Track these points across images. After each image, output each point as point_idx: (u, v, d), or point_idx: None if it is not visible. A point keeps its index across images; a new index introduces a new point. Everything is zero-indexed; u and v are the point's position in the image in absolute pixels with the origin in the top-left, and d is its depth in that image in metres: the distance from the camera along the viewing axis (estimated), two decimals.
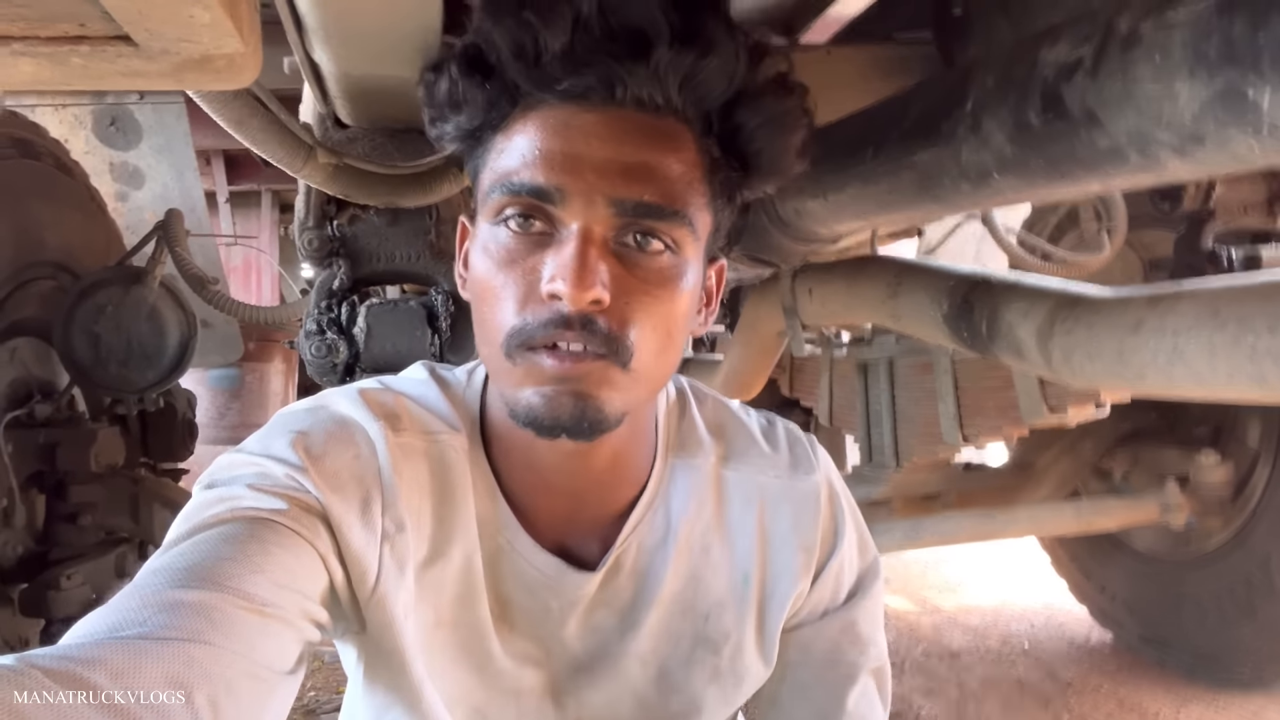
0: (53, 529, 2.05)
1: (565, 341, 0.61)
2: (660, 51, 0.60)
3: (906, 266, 1.95)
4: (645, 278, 0.63)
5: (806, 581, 0.80)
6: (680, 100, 0.63)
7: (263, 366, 3.57)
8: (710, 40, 0.62)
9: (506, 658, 0.76)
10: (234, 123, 0.98)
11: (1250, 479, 2.46)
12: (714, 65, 0.63)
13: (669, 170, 0.63)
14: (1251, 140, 0.69)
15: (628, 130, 0.62)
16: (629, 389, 0.64)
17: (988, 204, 1.13)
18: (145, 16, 0.57)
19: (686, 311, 0.68)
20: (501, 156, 0.64)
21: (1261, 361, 1.14)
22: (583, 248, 0.60)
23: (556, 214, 0.62)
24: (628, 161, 0.62)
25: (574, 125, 0.62)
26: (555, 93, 0.62)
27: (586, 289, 0.59)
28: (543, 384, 0.62)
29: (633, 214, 0.62)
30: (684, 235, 0.64)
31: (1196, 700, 2.55)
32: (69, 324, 2.02)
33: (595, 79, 0.61)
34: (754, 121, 0.67)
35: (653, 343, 0.64)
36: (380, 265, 1.41)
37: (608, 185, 0.61)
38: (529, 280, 0.63)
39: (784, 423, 0.86)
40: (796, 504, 0.80)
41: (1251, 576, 2.39)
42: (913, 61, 1.76)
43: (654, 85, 0.62)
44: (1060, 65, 0.83)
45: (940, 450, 2.36)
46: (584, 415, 0.63)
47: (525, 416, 0.64)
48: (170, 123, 2.89)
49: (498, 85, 0.64)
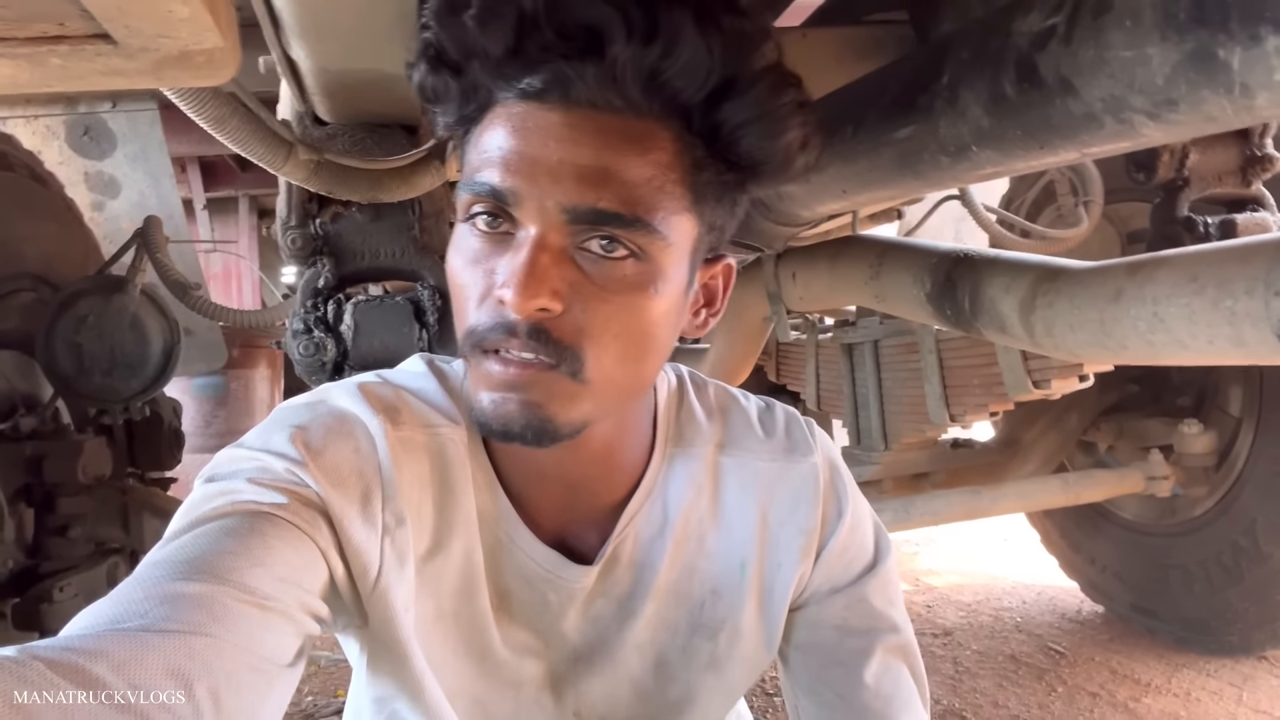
0: (42, 542, 2.03)
1: (512, 349, 0.60)
2: (615, 49, 0.57)
3: (888, 246, 1.97)
4: (605, 285, 0.61)
5: (808, 564, 0.80)
6: (644, 100, 0.59)
7: (248, 373, 3.55)
8: (675, 34, 0.57)
9: (506, 649, 0.76)
10: (213, 122, 0.97)
11: (1233, 446, 2.48)
12: (681, 63, 0.58)
13: (630, 174, 0.59)
14: (1224, 100, 0.70)
15: (587, 132, 0.59)
16: (586, 400, 0.63)
17: (968, 178, 1.13)
18: (124, 13, 0.57)
19: (662, 318, 0.65)
20: (473, 152, 0.63)
21: (1240, 324, 1.16)
22: (534, 255, 0.59)
23: (515, 215, 0.60)
24: (584, 165, 0.58)
25: (532, 125, 0.59)
26: (516, 91, 0.60)
27: (531, 298, 0.58)
28: (492, 389, 0.62)
29: (588, 220, 0.59)
30: (650, 242, 0.61)
31: (1188, 667, 2.59)
32: (50, 335, 2.00)
33: (547, 80, 0.58)
34: (737, 119, 0.62)
35: (613, 352, 0.62)
36: (364, 262, 1.40)
37: (560, 191, 0.58)
38: (487, 281, 0.62)
39: (782, 406, 0.86)
40: (794, 487, 0.80)
41: (1238, 542, 2.42)
42: (888, 42, 1.77)
43: (609, 86, 0.58)
44: (1033, 34, 0.84)
45: (928, 430, 2.38)
46: (530, 424, 0.62)
47: (478, 419, 0.63)
48: (144, 130, 2.86)
49: (468, 81, 0.62)
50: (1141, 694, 2.44)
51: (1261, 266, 1.13)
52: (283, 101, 1.38)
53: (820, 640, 0.81)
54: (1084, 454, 2.96)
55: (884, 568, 0.83)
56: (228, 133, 0.99)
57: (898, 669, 0.80)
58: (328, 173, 1.18)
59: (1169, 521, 2.68)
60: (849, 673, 0.79)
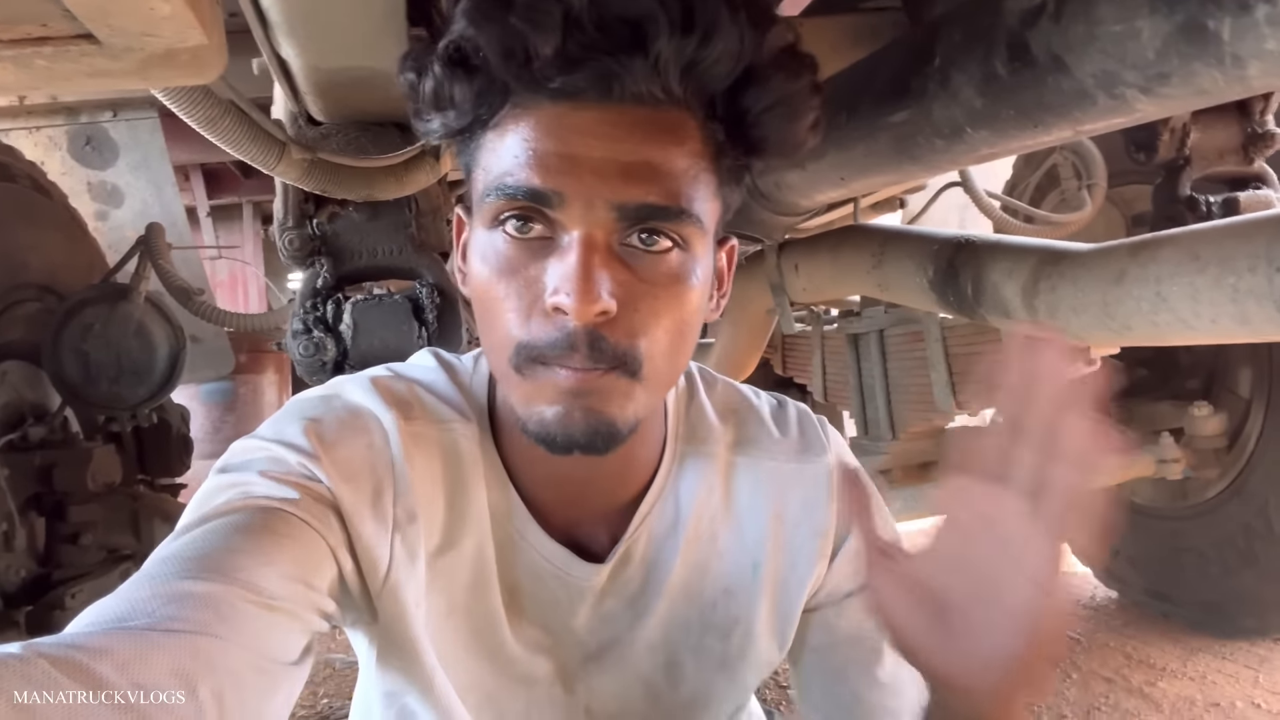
0: (54, 550, 2.04)
1: (575, 363, 0.59)
2: (660, 42, 0.56)
3: (890, 234, 1.96)
4: (653, 279, 0.61)
5: (824, 565, 0.79)
6: (682, 90, 0.59)
7: (256, 378, 3.56)
8: (712, 24, 0.57)
9: (517, 645, 0.76)
10: (205, 123, 0.97)
11: (1244, 428, 2.47)
12: (717, 51, 0.58)
13: (672, 166, 0.60)
14: (1215, 72, 0.69)
15: (626, 127, 0.58)
16: (641, 397, 0.63)
17: (964, 160, 1.13)
18: (106, 12, 0.57)
19: (698, 307, 0.65)
20: (494, 156, 0.61)
21: (1244, 301, 1.15)
22: (585, 257, 0.58)
23: (556, 218, 0.59)
24: (627, 161, 0.58)
25: (569, 125, 0.58)
26: (547, 92, 0.58)
27: (592, 302, 0.57)
28: (555, 401, 0.60)
29: (636, 217, 0.59)
30: (691, 232, 0.61)
31: (1203, 650, 2.57)
32: (57, 344, 2.02)
33: (590, 78, 0.57)
34: (762, 104, 0.62)
35: (664, 346, 0.62)
36: (362, 261, 1.40)
37: (608, 188, 0.58)
38: (532, 291, 0.60)
39: (795, 404, 0.85)
40: (808, 488, 0.79)
41: (1251, 524, 2.40)
42: (883, 28, 1.76)
43: (652, 79, 0.58)
44: (1024, 12, 0.83)
45: (935, 418, 2.37)
46: (597, 432, 0.61)
47: (538, 434, 0.62)
48: (145, 139, 2.87)
49: (485, 83, 0.60)
50: (1157, 678, 2.43)
51: (1263, 243, 1.12)
52: (276, 102, 1.38)
53: (837, 642, 0.81)
54: None
55: None
56: (220, 133, 0.99)
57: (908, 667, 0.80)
58: (322, 172, 1.18)
59: (1181, 505, 2.66)
60: (864, 672, 0.79)
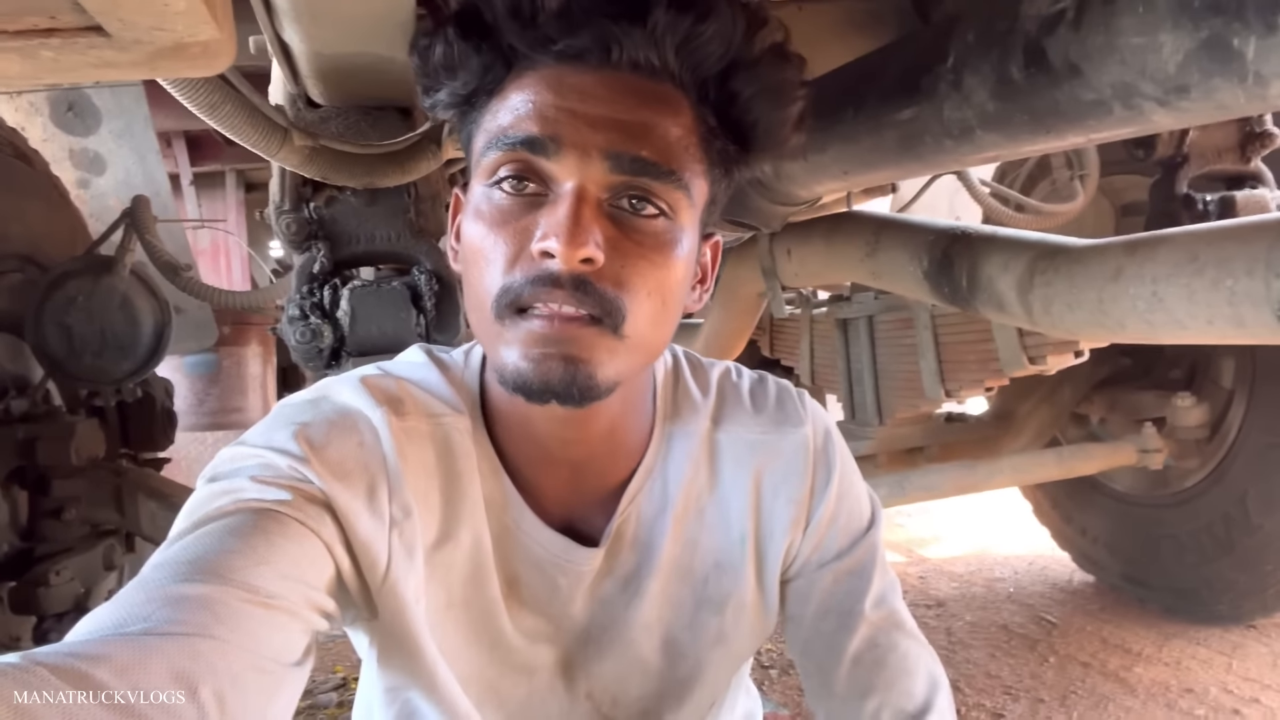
0: (37, 525, 2.02)
1: (556, 301, 0.60)
2: (657, 13, 0.60)
3: (885, 223, 1.96)
4: (640, 241, 0.63)
5: (797, 533, 0.80)
6: (676, 64, 0.63)
7: (239, 350, 3.52)
8: (708, 5, 0.61)
9: (517, 635, 0.76)
10: (206, 108, 0.95)
11: (1225, 418, 2.50)
12: (711, 30, 0.62)
13: (665, 131, 0.62)
14: (1237, 89, 0.69)
15: (623, 90, 0.62)
16: (623, 356, 0.63)
17: (971, 160, 1.13)
18: (118, 6, 0.56)
19: (682, 280, 0.67)
20: (496, 116, 0.64)
21: (1240, 304, 1.16)
22: (576, 205, 0.60)
23: (550, 169, 0.61)
24: (624, 119, 0.61)
25: (569, 83, 0.61)
26: (550, 53, 0.62)
27: (579, 246, 0.59)
28: (531, 346, 0.61)
29: (629, 170, 0.61)
30: (679, 199, 0.64)
31: (1178, 636, 2.62)
32: (40, 317, 1.98)
33: (591, 39, 0.61)
34: (749, 90, 0.66)
35: (648, 308, 0.63)
36: (360, 247, 1.38)
37: (603, 139, 0.60)
38: (520, 240, 0.62)
39: (775, 380, 0.86)
40: (785, 457, 0.80)
41: (1229, 513, 2.44)
42: (885, 15, 1.75)
43: (650, 47, 0.61)
44: (1042, 19, 0.83)
45: (922, 405, 2.39)
46: (574, 380, 0.62)
47: (514, 380, 0.63)
48: (129, 106, 2.81)
49: (493, 47, 0.63)
50: (1133, 663, 2.47)
51: (1262, 247, 1.13)
52: (274, 83, 1.35)
53: (806, 614, 0.82)
54: (1076, 427, 2.98)
55: (870, 539, 0.83)
56: (221, 118, 0.98)
57: (882, 643, 0.80)
58: (323, 158, 1.16)
59: (1161, 493, 2.70)
60: (830, 648, 0.80)
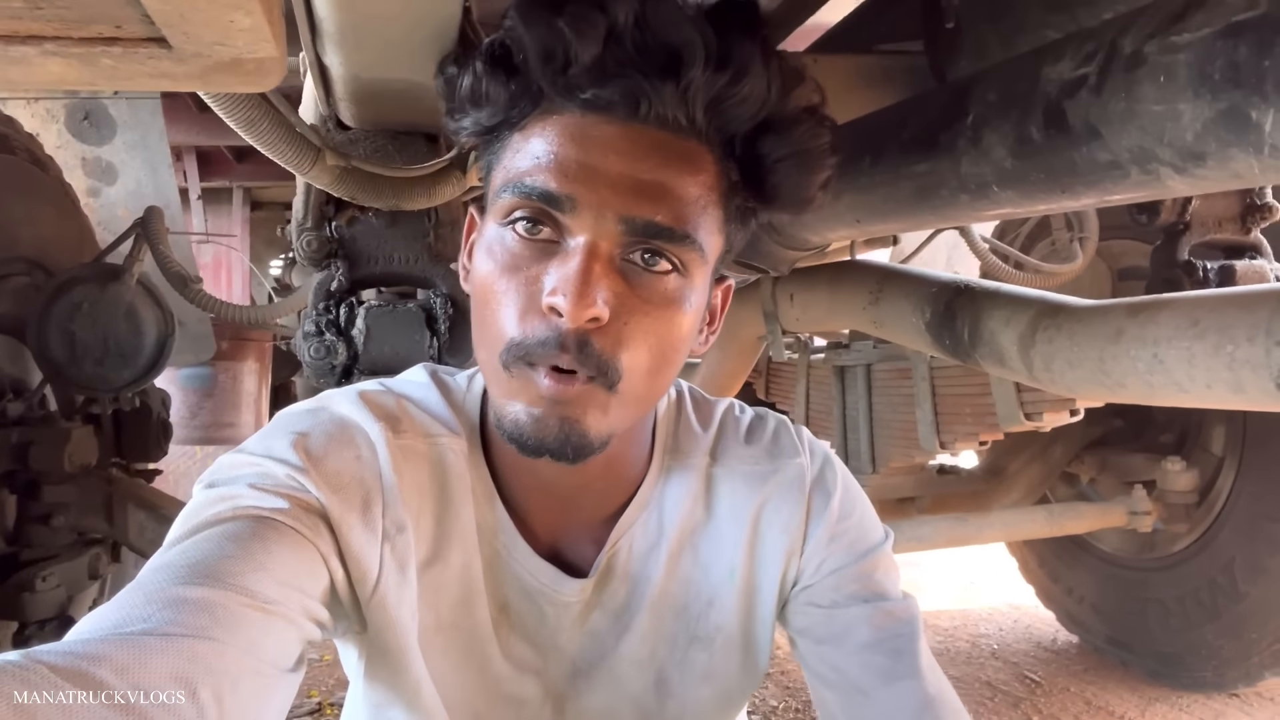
0: (25, 530, 2.01)
1: (561, 364, 0.61)
2: (692, 72, 0.60)
3: (888, 273, 1.99)
4: (648, 298, 0.63)
5: (792, 561, 0.79)
6: (705, 122, 0.62)
7: (236, 365, 3.51)
8: (744, 65, 0.61)
9: (505, 663, 0.76)
10: (244, 124, 0.97)
11: (1215, 484, 2.52)
12: (744, 91, 0.62)
13: (684, 192, 0.62)
14: (1252, 160, 0.71)
15: (647, 147, 0.61)
16: (615, 411, 0.64)
17: (985, 216, 1.15)
18: (186, 20, 0.57)
19: (687, 334, 0.67)
20: (516, 156, 0.64)
21: (1240, 370, 1.18)
22: (587, 263, 0.60)
23: (565, 222, 0.61)
24: (643, 179, 0.61)
25: (593, 135, 0.61)
26: (578, 101, 0.61)
27: (586, 306, 0.59)
28: (533, 403, 0.62)
29: (642, 233, 0.61)
30: (692, 258, 0.64)
31: (1161, 701, 2.61)
32: (44, 321, 1.98)
33: (620, 92, 0.60)
34: (778, 153, 0.66)
35: (645, 364, 0.63)
36: (378, 267, 1.40)
37: (620, 202, 0.60)
38: (530, 290, 0.62)
39: (775, 416, 0.87)
40: (781, 489, 0.80)
41: (1215, 579, 2.45)
42: (897, 72, 1.78)
43: (680, 105, 0.61)
44: (1064, 82, 0.85)
45: (917, 455, 2.40)
46: (568, 440, 0.62)
47: (511, 433, 0.63)
48: (145, 118, 2.83)
49: (521, 85, 0.63)
50: None
51: (1264, 315, 1.15)
52: (305, 103, 1.38)
53: (814, 621, 0.80)
54: (1066, 486, 2.99)
55: (880, 553, 0.81)
56: (257, 135, 0.99)
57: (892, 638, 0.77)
58: (353, 179, 1.18)
59: (1148, 556, 2.71)
60: (839, 646, 0.78)
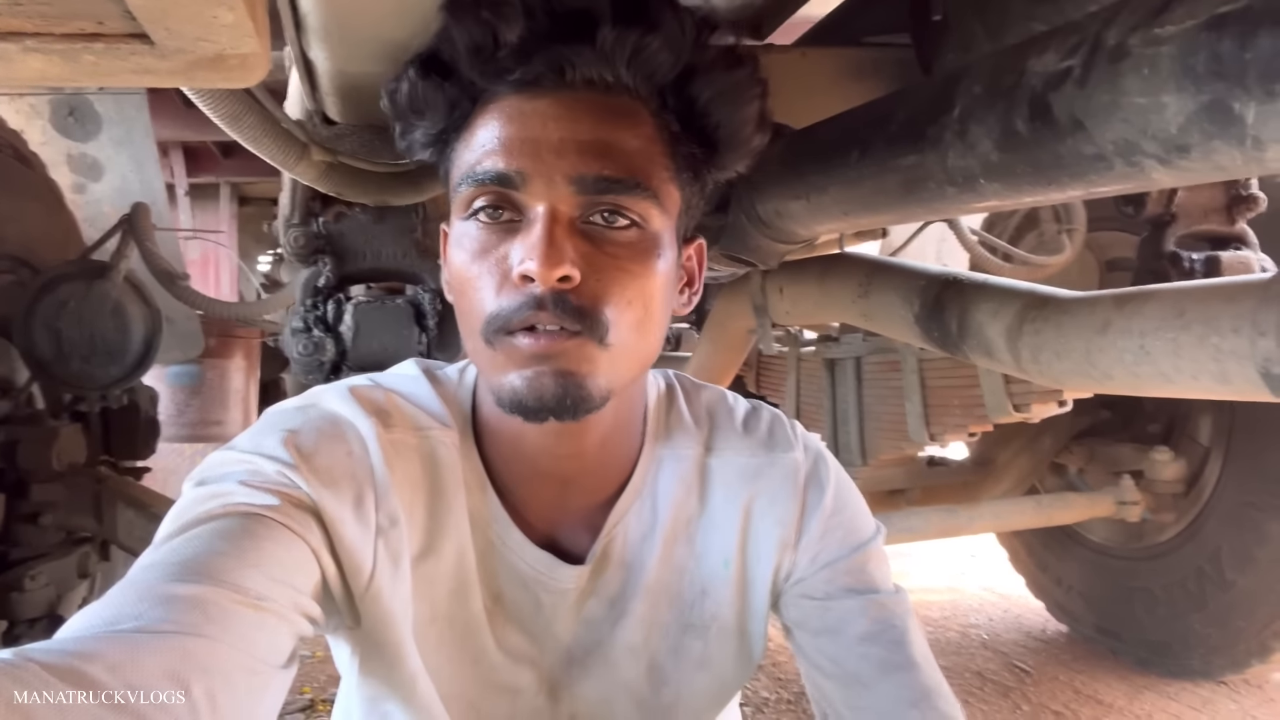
0: (13, 529, 2.00)
1: (540, 323, 0.62)
2: (605, 31, 0.63)
3: (878, 266, 1.99)
4: (615, 253, 0.65)
5: (786, 554, 0.80)
6: (630, 77, 0.65)
7: (223, 363, 3.50)
8: (653, 17, 0.64)
9: (500, 653, 0.77)
10: (228, 119, 0.97)
11: (1202, 474, 2.53)
12: (659, 41, 0.65)
13: (627, 145, 0.65)
14: (1235, 151, 0.71)
15: (581, 110, 0.64)
16: (610, 365, 0.65)
17: (972, 208, 1.15)
18: (168, 16, 0.57)
19: (663, 287, 0.69)
20: (465, 152, 0.66)
21: (1225, 361, 1.18)
22: (549, 227, 0.62)
23: (520, 199, 0.64)
24: (583, 139, 0.63)
25: (529, 111, 0.64)
26: (508, 84, 0.64)
27: (555, 265, 0.61)
28: (523, 366, 0.63)
29: (594, 190, 0.63)
30: (649, 209, 0.66)
31: (1150, 689, 2.63)
32: (30, 319, 1.97)
33: (545, 65, 0.63)
34: (706, 94, 0.68)
35: (629, 317, 0.65)
36: (366, 263, 1.39)
37: (566, 164, 0.63)
38: (502, 268, 0.64)
39: (769, 408, 0.88)
40: (776, 482, 0.81)
41: (1203, 568, 2.47)
42: (885, 65, 1.79)
43: (602, 64, 0.64)
44: (1049, 75, 0.85)
45: (906, 447, 2.41)
46: (567, 393, 0.64)
47: (510, 401, 0.65)
48: (130, 114, 2.82)
49: (455, 85, 0.66)
50: (1104, 714, 2.48)
51: (1249, 306, 1.15)
52: (290, 99, 1.37)
53: (807, 614, 0.81)
54: (1055, 476, 3.00)
55: (871, 547, 0.82)
56: (242, 130, 0.99)
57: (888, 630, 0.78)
58: (338, 174, 1.18)
59: (1135, 545, 2.72)
60: (836, 638, 0.78)
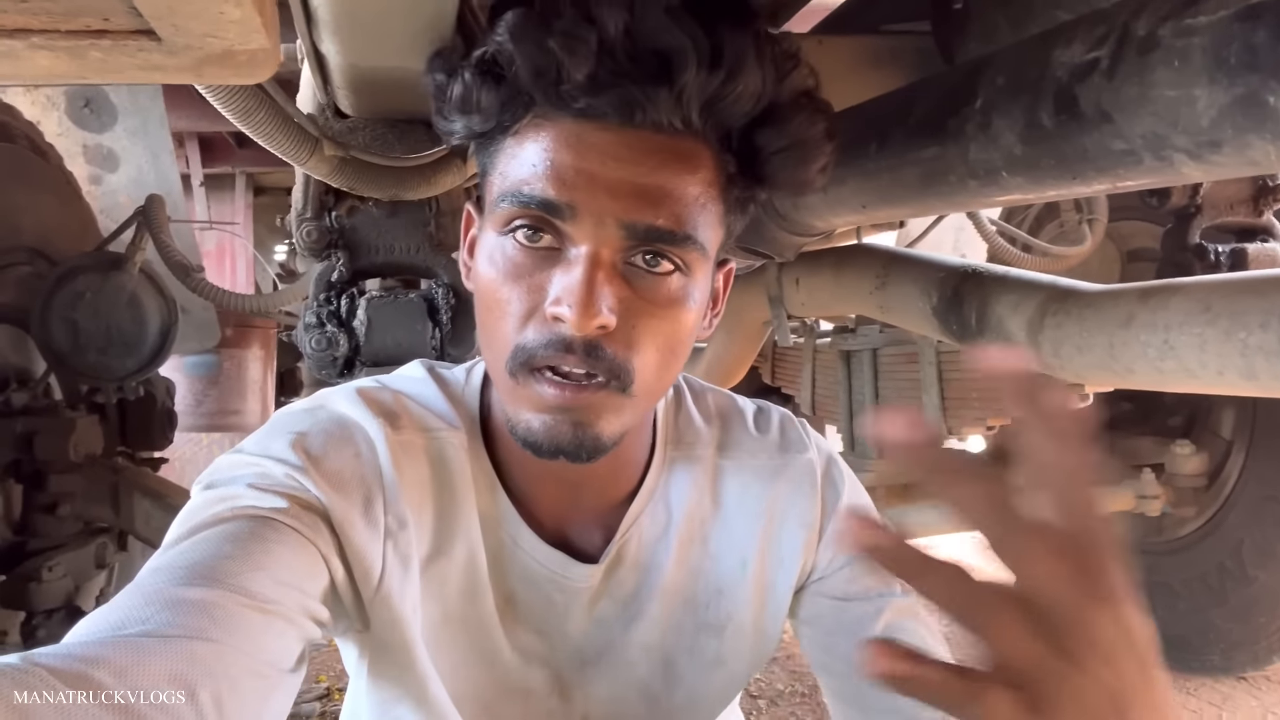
0: (31, 519, 2.01)
1: (567, 365, 0.61)
2: (685, 76, 0.59)
3: (895, 257, 1.97)
4: (653, 299, 0.63)
5: (810, 555, 0.81)
6: (700, 122, 0.62)
7: (241, 353, 3.51)
8: (738, 62, 0.60)
9: (513, 653, 0.76)
10: (240, 114, 0.96)
11: (1224, 468, 2.51)
12: (739, 89, 0.61)
13: (683, 193, 0.62)
14: (1269, 146, 0.69)
15: (644, 151, 0.61)
16: (628, 411, 0.65)
17: (995, 202, 1.14)
18: (174, 12, 0.56)
19: (692, 328, 0.67)
20: (512, 163, 0.63)
21: (1253, 356, 1.16)
22: (590, 272, 0.60)
23: (565, 230, 0.61)
24: (642, 183, 0.60)
25: (589, 142, 0.60)
26: (572, 111, 0.61)
27: (592, 317, 0.59)
28: (543, 411, 0.63)
29: (643, 238, 0.61)
30: (694, 257, 0.64)
31: (1168, 684, 2.61)
32: (46, 311, 1.98)
33: (615, 102, 0.59)
34: (776, 145, 0.66)
35: (655, 363, 0.64)
36: (379, 257, 1.39)
37: (620, 207, 0.60)
38: (534, 298, 0.62)
39: (777, 408, 0.88)
40: (793, 482, 0.81)
41: (1224, 563, 2.44)
42: (904, 53, 1.76)
43: (675, 110, 0.60)
44: (1075, 66, 0.83)
45: None
46: (582, 444, 0.63)
47: (524, 439, 0.64)
48: (145, 104, 2.82)
49: (511, 93, 0.62)
50: None
51: (1277, 301, 1.13)
52: (303, 93, 1.36)
53: (823, 612, 0.81)
54: None
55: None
56: (254, 125, 0.98)
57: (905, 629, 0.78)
58: (351, 169, 1.17)
59: (1155, 539, 2.70)
60: (851, 639, 0.79)
